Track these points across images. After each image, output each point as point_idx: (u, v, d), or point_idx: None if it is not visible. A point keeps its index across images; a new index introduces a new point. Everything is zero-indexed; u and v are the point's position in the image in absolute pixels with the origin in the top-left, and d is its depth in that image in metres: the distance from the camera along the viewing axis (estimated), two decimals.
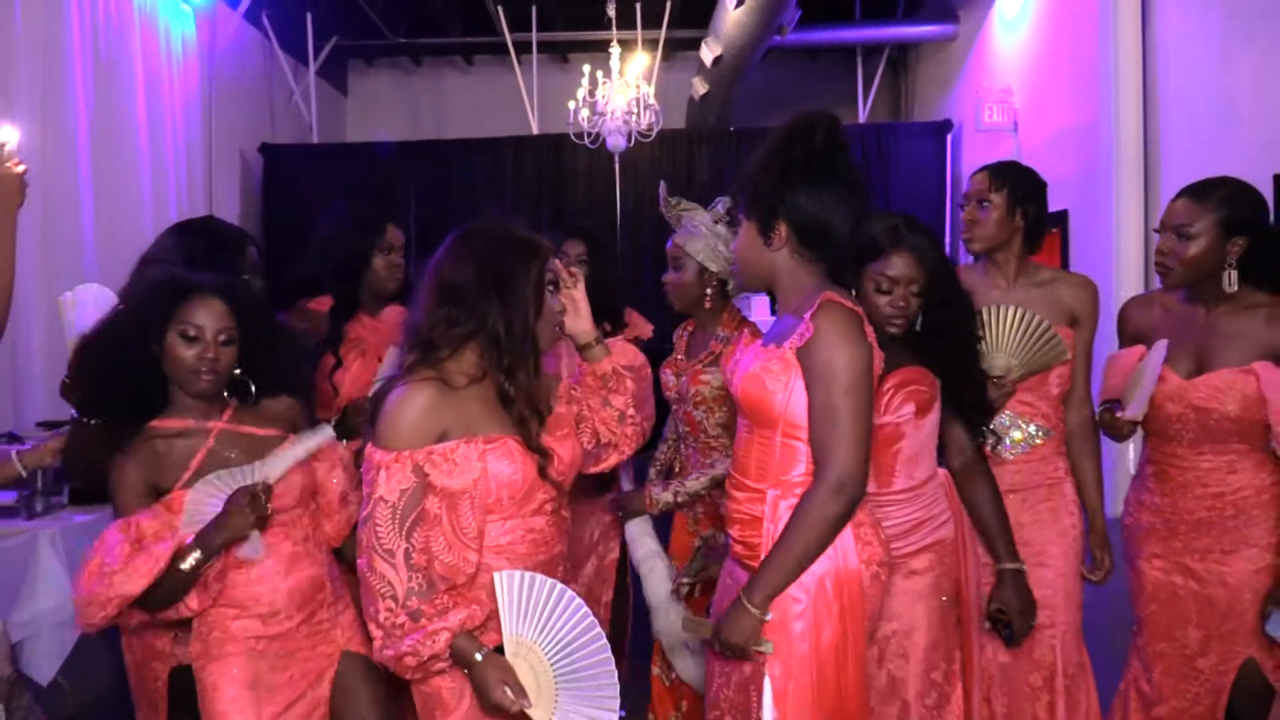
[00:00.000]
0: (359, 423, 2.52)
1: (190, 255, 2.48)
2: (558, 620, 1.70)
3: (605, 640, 1.72)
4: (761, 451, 1.88)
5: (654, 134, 7.77)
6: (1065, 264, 6.72)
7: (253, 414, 2.08)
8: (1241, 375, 2.20)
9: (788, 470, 1.85)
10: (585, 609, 1.72)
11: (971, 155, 8.02)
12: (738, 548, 1.94)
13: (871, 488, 1.98)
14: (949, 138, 8.41)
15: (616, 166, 8.41)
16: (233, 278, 2.17)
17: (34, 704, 2.14)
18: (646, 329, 3.15)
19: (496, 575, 1.71)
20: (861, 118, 9.28)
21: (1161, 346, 2.28)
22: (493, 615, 1.74)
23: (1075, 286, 2.47)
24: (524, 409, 1.79)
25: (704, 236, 2.52)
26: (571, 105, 7.73)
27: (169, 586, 1.92)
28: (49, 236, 5.03)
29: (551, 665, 1.69)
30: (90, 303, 2.21)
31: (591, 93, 7.67)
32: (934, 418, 2.12)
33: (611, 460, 2.02)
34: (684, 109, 9.21)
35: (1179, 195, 2.28)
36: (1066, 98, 6.69)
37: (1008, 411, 2.41)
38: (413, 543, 1.69)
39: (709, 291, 2.54)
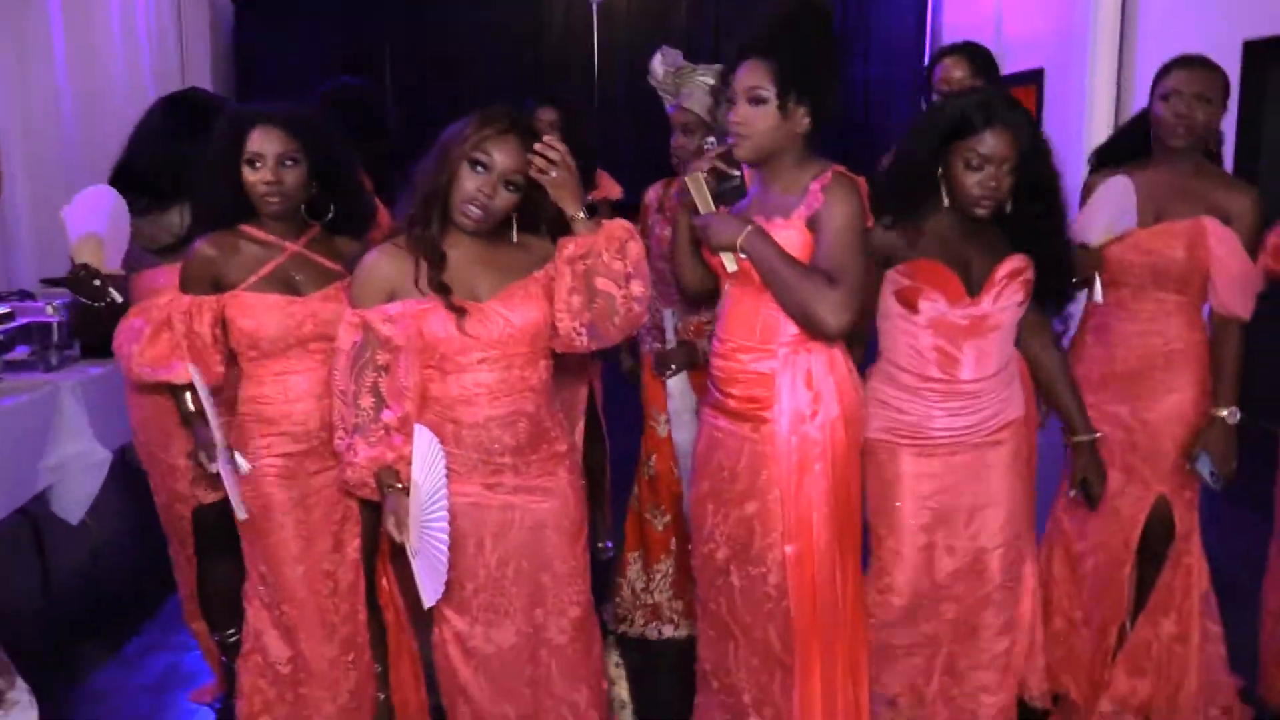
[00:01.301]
0: None
1: (178, 129, 2.54)
2: (433, 475, 1.93)
3: (447, 501, 1.92)
4: (768, 316, 2.05)
5: None
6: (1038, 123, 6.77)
7: (325, 247, 2.26)
8: (1191, 224, 2.39)
9: (791, 329, 2.04)
10: (444, 478, 1.92)
11: (952, 12, 7.94)
12: (731, 402, 2.12)
13: (971, 374, 2.17)
14: None
15: (594, 16, 8.29)
16: (298, 107, 2.26)
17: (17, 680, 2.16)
18: (615, 190, 3.21)
19: (416, 426, 1.94)
20: None
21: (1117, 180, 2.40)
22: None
23: None
24: (430, 269, 1.93)
25: (709, 97, 2.53)
26: None
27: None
28: (28, 93, 5.00)
29: (423, 509, 1.94)
30: (84, 209, 2.32)
31: None
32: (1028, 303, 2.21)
33: (555, 344, 2.05)
34: None
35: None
36: None
37: None
38: (359, 385, 1.95)
39: None
